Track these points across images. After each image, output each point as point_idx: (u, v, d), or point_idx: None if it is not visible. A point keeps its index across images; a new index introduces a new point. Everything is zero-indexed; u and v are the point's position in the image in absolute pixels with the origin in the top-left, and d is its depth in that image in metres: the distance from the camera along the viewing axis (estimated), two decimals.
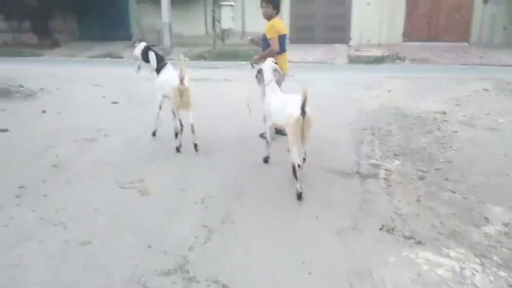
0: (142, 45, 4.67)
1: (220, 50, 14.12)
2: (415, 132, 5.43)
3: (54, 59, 15.19)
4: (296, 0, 16.91)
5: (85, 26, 18.98)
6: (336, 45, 16.54)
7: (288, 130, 3.51)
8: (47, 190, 3.84)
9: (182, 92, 4.01)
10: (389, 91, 8.13)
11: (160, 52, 4.69)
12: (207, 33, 17.44)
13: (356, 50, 15.24)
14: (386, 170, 4.26)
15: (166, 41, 15.94)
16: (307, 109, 3.31)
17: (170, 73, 4.32)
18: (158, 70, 4.50)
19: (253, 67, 4.49)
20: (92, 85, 8.24)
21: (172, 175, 4.14)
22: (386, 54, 14.30)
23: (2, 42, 18.81)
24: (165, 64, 4.47)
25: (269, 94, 3.89)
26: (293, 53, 16.23)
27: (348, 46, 16.34)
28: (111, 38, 18.29)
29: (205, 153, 4.59)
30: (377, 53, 14.61)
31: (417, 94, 7.65)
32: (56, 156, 4.67)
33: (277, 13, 4.59)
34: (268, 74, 3.89)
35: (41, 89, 7.92)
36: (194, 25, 17.48)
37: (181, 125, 4.33)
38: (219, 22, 15.57)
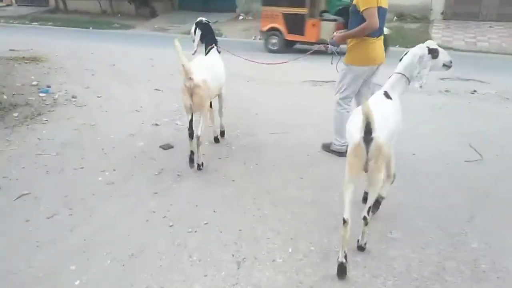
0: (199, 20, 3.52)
1: None
2: None
3: (142, 34, 13.01)
4: None
5: None
6: None
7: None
8: None
9: (191, 90, 2.86)
10: None
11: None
12: None
13: None
14: None
15: None
16: (376, 133, 1.81)
17: (210, 61, 3.36)
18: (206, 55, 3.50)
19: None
20: (155, 89, 5.28)
21: None
22: None
23: (101, 11, 17.50)
24: (211, 48, 3.48)
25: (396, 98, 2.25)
26: (454, 34, 11.41)
27: None
28: (213, 9, 16.04)
29: None
30: None
31: None
32: None
33: None
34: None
35: (72, 98, 4.77)
36: None
37: (191, 130, 3.13)
38: None
